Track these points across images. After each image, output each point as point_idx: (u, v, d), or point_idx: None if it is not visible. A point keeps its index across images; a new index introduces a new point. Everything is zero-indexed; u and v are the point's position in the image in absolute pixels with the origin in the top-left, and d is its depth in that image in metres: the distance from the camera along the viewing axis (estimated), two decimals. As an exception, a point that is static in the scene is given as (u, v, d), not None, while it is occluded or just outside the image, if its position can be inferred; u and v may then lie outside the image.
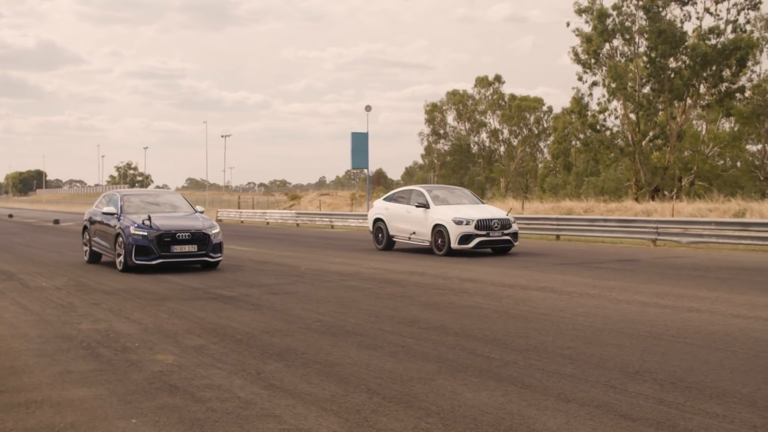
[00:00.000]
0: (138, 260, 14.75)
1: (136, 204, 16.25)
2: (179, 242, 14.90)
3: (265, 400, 5.70)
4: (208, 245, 15.20)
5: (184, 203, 17.15)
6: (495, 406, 5.48)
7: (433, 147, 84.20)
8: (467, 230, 18.08)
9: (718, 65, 45.12)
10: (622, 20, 46.22)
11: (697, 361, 6.86)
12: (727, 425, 5.00)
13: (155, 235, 14.74)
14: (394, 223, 20.41)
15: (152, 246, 14.72)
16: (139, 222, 14.94)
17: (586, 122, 48.31)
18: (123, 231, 14.99)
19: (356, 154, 45.49)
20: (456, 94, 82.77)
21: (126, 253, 14.82)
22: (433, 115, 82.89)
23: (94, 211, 17.33)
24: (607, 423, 5.06)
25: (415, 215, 19.46)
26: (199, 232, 15.13)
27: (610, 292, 11.50)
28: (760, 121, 55.85)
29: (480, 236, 18.15)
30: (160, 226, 14.88)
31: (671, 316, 9.29)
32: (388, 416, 5.26)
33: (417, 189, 20.45)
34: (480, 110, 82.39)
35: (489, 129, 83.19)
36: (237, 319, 9.43)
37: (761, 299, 10.62)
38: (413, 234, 19.52)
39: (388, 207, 20.83)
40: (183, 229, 15.04)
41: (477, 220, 18.16)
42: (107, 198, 17.12)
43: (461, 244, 18.08)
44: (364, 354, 7.27)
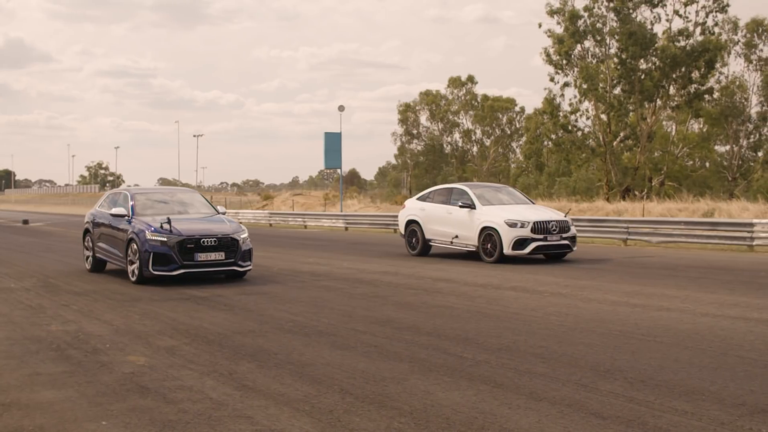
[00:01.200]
0: (156, 270, 12.61)
1: (150, 204, 14.16)
2: (204, 249, 12.74)
3: (237, 401, 5.67)
4: (236, 252, 13.10)
5: (203, 203, 14.89)
6: (467, 405, 5.49)
7: (407, 147, 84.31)
8: (522, 234, 16.04)
9: (687, 67, 45.67)
10: (593, 22, 46.61)
11: (667, 359, 6.94)
12: (696, 422, 5.05)
13: (176, 240, 12.58)
14: (431, 226, 18.26)
15: (173, 254, 12.57)
16: (156, 225, 12.84)
17: (558, 123, 48.65)
18: (137, 236, 12.82)
19: (329, 155, 45.39)
20: (429, 94, 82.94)
21: (141, 261, 12.66)
22: (406, 115, 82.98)
23: (97, 212, 15.30)
24: (578, 421, 5.10)
25: (458, 217, 17.35)
26: (226, 237, 13.00)
27: (582, 292, 11.59)
28: (728, 122, 56.63)
29: (537, 240, 16.11)
30: (182, 230, 12.76)
31: (641, 315, 9.38)
32: (361, 416, 5.26)
33: (458, 187, 18.36)
34: (453, 110, 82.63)
35: (462, 129, 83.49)
36: (209, 319, 9.37)
37: (729, 298, 10.75)
38: (455, 238, 17.45)
39: (423, 207, 18.64)
40: (208, 233, 12.89)
41: (534, 222, 16.13)
42: (113, 197, 15.05)
43: (515, 250, 16.07)
44: (337, 354, 7.26)
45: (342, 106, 48.63)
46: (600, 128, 48.09)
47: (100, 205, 15.40)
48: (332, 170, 47.09)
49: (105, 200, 15.35)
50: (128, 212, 13.64)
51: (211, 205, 14.76)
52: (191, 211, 14.26)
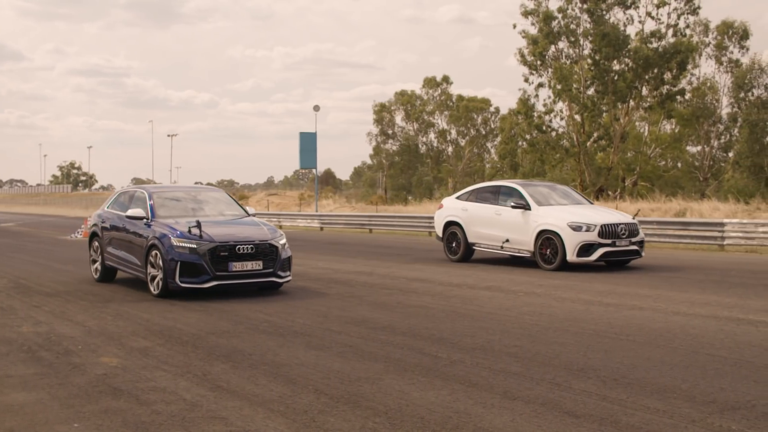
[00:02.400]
0: (184, 282, 10.89)
1: (171, 204, 12.44)
2: (240, 257, 11.03)
3: (211, 401, 5.64)
4: (275, 261, 11.37)
5: (230, 203, 13.19)
6: (442, 404, 5.51)
7: (382, 147, 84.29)
8: (588, 238, 14.43)
9: (660, 68, 46.08)
10: (567, 23, 46.88)
11: (639, 357, 7.00)
12: (667, 420, 5.11)
13: (208, 248, 10.88)
14: (475, 228, 16.49)
15: (204, 263, 10.85)
16: (183, 230, 11.12)
17: (533, 123, 48.88)
18: (161, 242, 11.12)
19: (305, 154, 45.30)
20: (404, 94, 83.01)
21: (166, 272, 10.96)
22: (381, 115, 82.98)
23: (106, 214, 13.48)
24: (551, 420, 5.13)
25: (510, 218, 15.61)
26: (264, 243, 11.29)
27: (556, 291, 11.66)
28: (700, 123, 57.27)
29: (605, 246, 14.50)
30: (214, 235, 11.07)
31: (614, 314, 9.46)
32: (336, 416, 5.26)
33: (508, 185, 16.56)
34: (428, 111, 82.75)
35: (437, 129, 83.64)
36: (183, 320, 9.32)
37: (700, 297, 10.88)
38: (506, 242, 15.66)
39: (466, 208, 16.84)
40: (245, 239, 11.19)
41: (601, 225, 14.50)
42: (125, 197, 13.29)
43: (580, 256, 14.46)
44: (312, 354, 7.25)
45: (317, 106, 48.57)
46: (574, 129, 48.40)
47: (108, 206, 13.63)
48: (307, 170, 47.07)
49: (114, 200, 13.63)
50: (147, 214, 11.91)
51: (239, 206, 13.12)
52: (217, 213, 12.57)
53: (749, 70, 55.84)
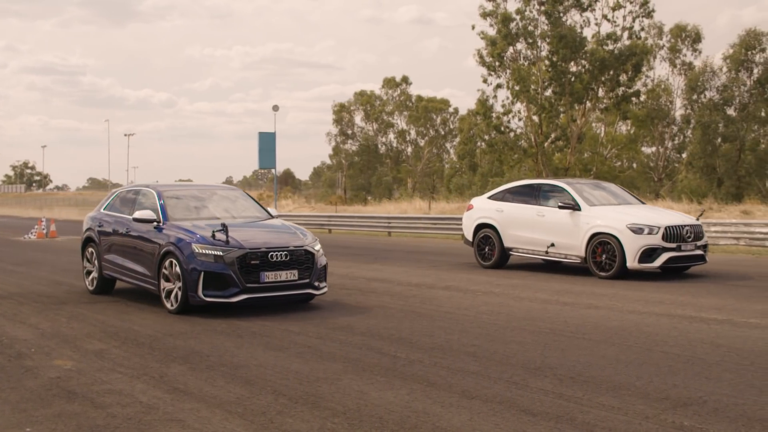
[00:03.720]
0: (209, 296, 9.40)
1: (185, 205, 10.91)
2: (273, 266, 9.58)
3: (168, 404, 5.59)
4: (312, 270, 9.94)
5: (251, 203, 11.68)
6: (400, 404, 5.52)
7: (341, 147, 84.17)
8: (652, 242, 12.92)
9: (616, 70, 46.70)
10: (525, 24, 47.27)
11: (595, 356, 7.10)
12: (622, 417, 5.18)
13: (237, 255, 9.39)
14: (513, 231, 14.91)
15: (232, 273, 9.36)
16: (205, 234, 9.64)
17: (491, 124, 49.20)
18: (179, 249, 9.62)
19: (263, 154, 45.03)
20: (364, 94, 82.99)
21: (187, 284, 9.46)
22: (340, 115, 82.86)
23: (103, 216, 11.90)
24: (509, 418, 5.17)
25: (555, 220, 14.11)
26: (299, 250, 9.83)
27: (513, 290, 11.76)
28: (654, 124, 58.24)
29: (669, 251, 13.01)
30: (243, 240, 9.60)
31: (571, 313, 9.57)
32: (294, 417, 5.24)
33: (550, 183, 15.05)
34: (387, 111, 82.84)
35: (396, 130, 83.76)
36: (140, 322, 9.21)
37: (654, 295, 11.06)
38: (551, 247, 14.14)
39: (501, 208, 15.21)
40: (277, 245, 9.75)
41: (665, 227, 13.05)
42: (130, 197, 11.62)
43: (643, 263, 12.96)
44: (271, 355, 7.22)
45: (276, 105, 48.32)
46: (532, 129, 48.85)
47: (106, 207, 12.08)
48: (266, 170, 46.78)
49: (113, 201, 12.07)
50: (159, 216, 10.38)
51: (260, 206, 11.64)
52: (236, 214, 11.08)
53: (701, 73, 56.93)
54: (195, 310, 9.64)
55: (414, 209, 38.27)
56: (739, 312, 9.49)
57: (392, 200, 52.03)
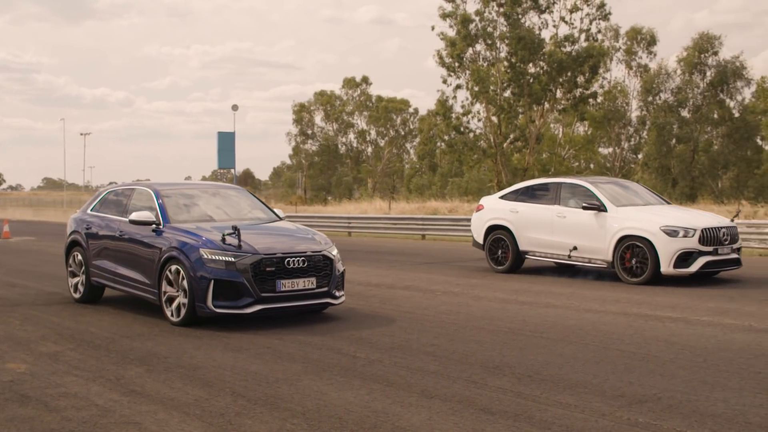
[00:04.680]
0: (220, 306, 8.50)
1: (186, 206, 9.97)
2: (290, 273, 8.72)
3: (124, 406, 5.52)
4: (330, 277, 9.11)
5: (257, 204, 10.72)
6: (360, 404, 5.52)
7: (301, 147, 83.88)
8: (688, 246, 12.04)
9: (573, 71, 47.26)
10: (484, 26, 47.58)
11: (553, 354, 7.17)
12: (579, 414, 5.25)
13: (251, 261, 8.51)
14: (530, 234, 13.99)
15: (245, 281, 8.47)
16: (213, 238, 8.75)
17: (451, 124, 49.44)
18: (184, 254, 8.71)
19: (223, 154, 44.79)
20: (324, 94, 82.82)
21: (195, 293, 8.54)
22: (300, 115, 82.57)
23: (90, 218, 10.84)
24: (468, 417, 5.20)
25: (578, 221, 13.17)
26: (317, 255, 9.01)
27: (473, 290, 11.83)
28: (611, 125, 59.07)
29: (706, 254, 12.15)
30: (256, 245, 8.72)
31: (529, 312, 9.66)
32: (253, 419, 5.21)
33: (572, 182, 13.92)
34: (348, 111, 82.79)
35: (356, 130, 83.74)
36: (96, 323, 9.07)
37: (611, 294, 11.21)
38: (574, 250, 13.21)
39: (516, 209, 14.27)
40: (294, 251, 8.88)
41: (702, 229, 12.17)
42: (122, 196, 10.61)
43: (678, 267, 12.07)
44: (229, 356, 7.17)
45: (235, 105, 48.07)
46: (491, 130, 49.20)
47: (93, 208, 10.99)
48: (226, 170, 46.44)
49: (102, 201, 10.98)
50: (159, 218, 9.47)
51: (267, 207, 10.69)
52: (242, 216, 10.13)
53: (656, 75, 57.89)
54: (151, 310, 9.51)
55: (374, 209, 38.29)
56: (692, 310, 9.66)
57: (352, 200, 52.01)
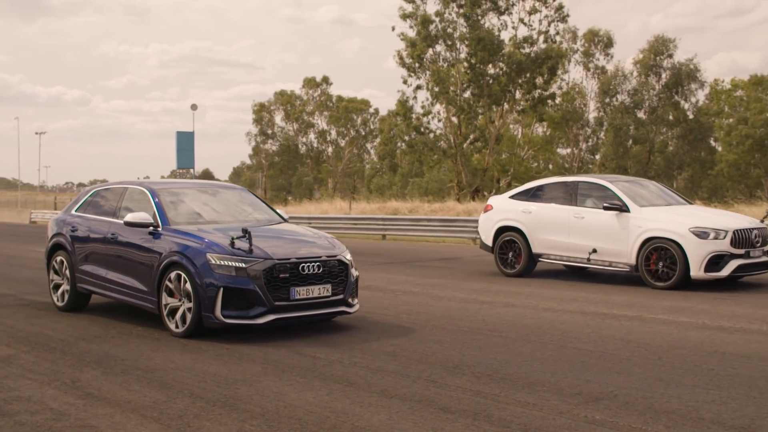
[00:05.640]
0: (229, 316, 7.79)
1: (186, 206, 9.19)
2: (304, 280, 8.03)
3: (80, 410, 5.43)
4: (346, 284, 8.43)
5: (260, 205, 9.98)
6: (319, 405, 5.51)
7: (261, 147, 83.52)
8: (720, 248, 11.37)
9: (532, 73, 47.72)
10: (444, 26, 47.79)
11: (511, 353, 7.23)
12: (537, 412, 5.29)
13: (263, 267, 7.82)
14: (544, 236, 13.21)
15: (257, 289, 7.76)
16: (221, 242, 8.05)
17: (411, 125, 49.58)
18: (188, 259, 7.99)
19: (181, 154, 44.42)
20: (284, 94, 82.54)
21: (201, 302, 7.83)
22: (260, 115, 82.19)
23: (75, 220, 9.99)
24: (427, 417, 5.22)
25: (598, 222, 12.44)
26: (332, 260, 8.32)
27: (433, 290, 11.87)
28: (569, 126, 59.76)
29: (738, 257, 11.48)
30: (269, 250, 8.01)
31: (489, 311, 9.72)
32: (212, 420, 5.16)
33: (589, 180, 13.22)
34: (308, 111, 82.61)
35: (317, 130, 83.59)
36: (51, 326, 8.92)
37: (569, 293, 11.33)
38: (593, 253, 12.44)
39: (529, 209, 13.49)
40: (309, 255, 8.19)
41: (734, 231, 11.53)
42: (113, 196, 9.79)
43: (709, 272, 11.40)
44: (188, 358, 7.10)
45: (195, 104, 47.73)
46: (451, 130, 49.44)
47: (79, 208, 10.15)
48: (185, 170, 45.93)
49: (88, 201, 10.15)
50: (157, 219, 8.69)
51: (271, 208, 9.98)
52: (245, 217, 9.41)
53: (613, 77, 58.71)
54: (109, 312, 9.38)
55: (335, 209, 38.21)
56: (648, 308, 9.81)
57: (313, 200, 51.84)
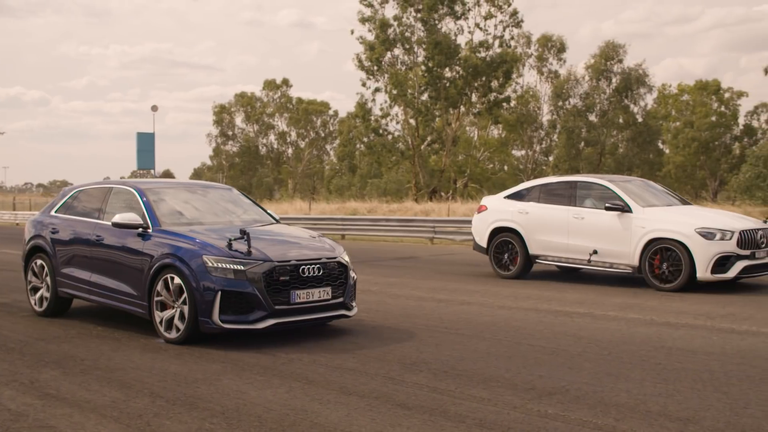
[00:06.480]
0: (227, 321, 7.36)
1: (176, 207, 8.70)
2: (304, 283, 7.65)
3: (39, 410, 5.34)
4: (345, 286, 8.06)
5: (251, 206, 9.51)
6: (279, 402, 5.49)
7: (222, 148, 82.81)
8: (726, 249, 11.02)
9: (487, 77, 48.06)
10: (402, 30, 47.90)
11: (467, 350, 7.27)
12: (491, 407, 5.34)
13: (263, 270, 7.41)
14: (542, 236, 12.77)
15: (257, 293, 7.36)
16: (218, 243, 7.62)
17: (370, 126, 49.61)
18: (183, 262, 7.52)
19: (142, 155, 43.92)
20: (244, 96, 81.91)
21: (197, 306, 7.38)
22: (221, 116, 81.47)
23: (55, 221, 9.41)
24: (385, 413, 5.23)
25: (598, 223, 12.03)
26: (332, 262, 7.94)
27: (391, 288, 11.89)
28: (523, 128, 60.34)
29: (744, 258, 11.12)
30: (268, 252, 7.61)
31: (445, 309, 9.77)
32: (172, 419, 5.11)
33: (589, 180, 12.77)
34: (268, 113, 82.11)
35: (277, 131, 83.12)
36: (9, 326, 8.74)
37: (523, 291, 11.44)
38: (594, 254, 12.03)
39: (525, 209, 13.03)
40: (308, 257, 7.81)
41: (740, 231, 11.16)
42: (97, 196, 9.22)
43: (716, 273, 11.01)
44: (148, 357, 7.02)
45: (155, 106, 47.20)
46: (409, 132, 49.57)
47: (60, 209, 9.56)
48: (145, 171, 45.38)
49: (69, 201, 9.56)
50: (146, 220, 8.20)
51: (262, 209, 9.50)
52: (238, 218, 8.95)
53: (566, 81, 59.41)
54: (69, 312, 9.23)
55: (294, 210, 38.07)
56: (598, 305, 9.95)
57: (273, 201, 51.60)
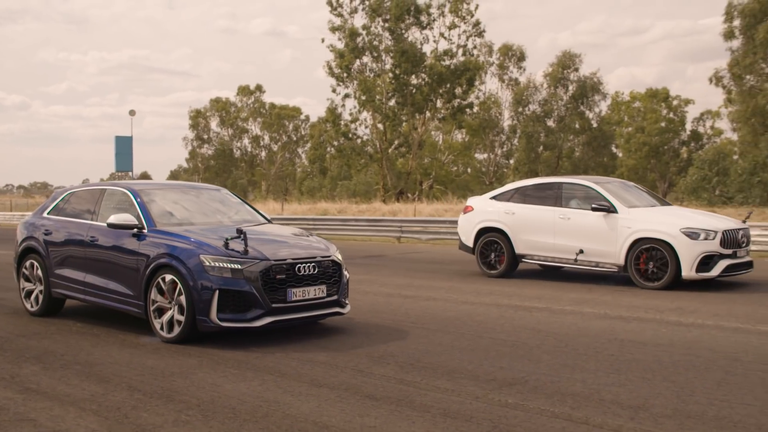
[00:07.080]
0: (225, 320, 7.14)
1: (170, 207, 8.45)
2: (300, 281, 7.47)
3: (19, 404, 5.27)
4: (339, 284, 7.91)
5: (243, 206, 9.29)
6: (252, 395, 5.48)
7: (198, 151, 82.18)
8: (710, 248, 10.88)
9: (452, 83, 48.27)
10: (370, 39, 47.93)
11: (432, 343, 7.31)
12: (455, 398, 5.38)
13: (260, 269, 7.21)
14: (528, 236, 12.53)
15: (254, 291, 7.16)
16: (214, 243, 7.40)
17: (340, 131, 49.58)
18: (180, 262, 7.31)
19: (120, 158, 43.43)
20: (219, 101, 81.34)
21: (195, 305, 7.17)
22: (197, 120, 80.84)
23: (48, 222, 9.15)
24: (354, 404, 5.25)
25: (585, 223, 11.81)
26: (326, 261, 7.77)
27: (360, 285, 11.89)
28: (486, 133, 60.70)
29: (726, 257, 11.02)
30: (265, 251, 7.40)
31: (412, 305, 9.81)
32: (149, 411, 5.08)
33: (574, 182, 12.45)
34: (242, 117, 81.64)
35: (251, 135, 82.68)
36: (-10, 324, 8.60)
37: (485, 287, 11.51)
38: (580, 254, 11.85)
39: (512, 210, 12.75)
40: (304, 256, 7.62)
41: (723, 231, 11.05)
42: (89, 197, 8.99)
43: (701, 272, 10.88)
44: (126, 352, 6.95)
45: (133, 110, 46.68)
46: (377, 136, 49.60)
47: (52, 210, 9.30)
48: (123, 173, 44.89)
49: (62, 203, 9.29)
50: (142, 221, 7.97)
51: (253, 209, 9.30)
52: (230, 218, 8.71)
53: (526, 88, 59.88)
54: (52, 311, 9.09)
55: (268, 210, 37.89)
56: (556, 300, 10.05)
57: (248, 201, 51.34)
